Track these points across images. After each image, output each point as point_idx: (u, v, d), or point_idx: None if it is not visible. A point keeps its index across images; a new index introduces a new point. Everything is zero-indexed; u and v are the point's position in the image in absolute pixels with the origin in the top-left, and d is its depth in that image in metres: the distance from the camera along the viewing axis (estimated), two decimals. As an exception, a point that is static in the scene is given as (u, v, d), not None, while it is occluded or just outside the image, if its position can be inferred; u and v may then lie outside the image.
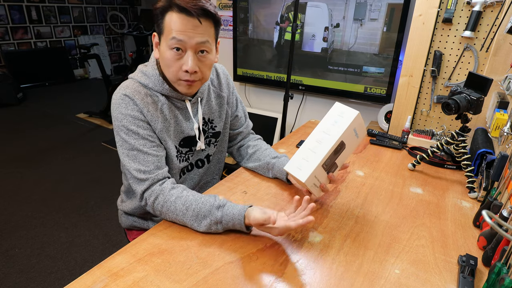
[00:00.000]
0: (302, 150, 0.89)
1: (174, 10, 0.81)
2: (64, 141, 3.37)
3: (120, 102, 0.87)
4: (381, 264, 0.74)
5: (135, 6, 6.53)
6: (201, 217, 0.81)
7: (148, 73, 0.91)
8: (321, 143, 0.86)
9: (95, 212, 2.25)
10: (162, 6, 0.82)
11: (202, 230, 0.81)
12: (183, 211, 0.82)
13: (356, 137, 0.91)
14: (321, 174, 0.88)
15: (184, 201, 0.83)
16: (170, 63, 0.85)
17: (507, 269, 0.59)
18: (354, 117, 0.86)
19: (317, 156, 0.85)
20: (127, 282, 0.66)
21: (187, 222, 0.82)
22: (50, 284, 1.67)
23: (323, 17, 2.14)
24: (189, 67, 0.84)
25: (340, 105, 0.91)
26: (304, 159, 0.86)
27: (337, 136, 0.85)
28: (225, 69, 1.11)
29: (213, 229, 0.81)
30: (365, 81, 2.14)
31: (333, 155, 0.87)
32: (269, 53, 2.48)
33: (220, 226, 0.80)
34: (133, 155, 0.88)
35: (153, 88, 0.91)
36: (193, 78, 0.87)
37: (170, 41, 0.82)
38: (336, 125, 0.87)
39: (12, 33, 5.00)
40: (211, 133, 1.06)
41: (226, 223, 0.80)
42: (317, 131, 0.89)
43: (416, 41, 1.48)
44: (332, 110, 0.91)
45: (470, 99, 1.03)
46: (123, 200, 1.12)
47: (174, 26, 0.81)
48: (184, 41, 0.82)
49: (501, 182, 0.85)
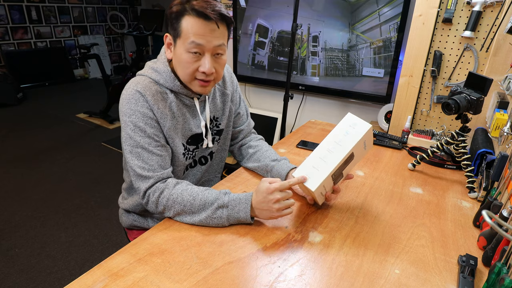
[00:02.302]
0: (313, 159, 0.88)
1: (191, 14, 0.82)
2: (64, 141, 3.37)
3: (130, 97, 0.88)
4: (381, 264, 0.74)
5: (135, 6, 6.53)
6: (208, 204, 0.83)
7: (160, 70, 0.92)
8: (332, 153, 0.86)
9: (95, 212, 2.25)
10: (178, 10, 0.83)
11: (205, 215, 0.82)
12: (190, 201, 0.84)
13: (364, 149, 0.92)
14: (329, 184, 0.88)
15: (190, 192, 0.85)
16: (187, 65, 0.86)
17: (507, 269, 0.59)
18: (367, 130, 0.86)
19: (328, 166, 0.85)
20: (127, 282, 0.66)
21: (195, 211, 0.83)
22: (50, 284, 1.67)
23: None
24: (207, 69, 0.86)
25: (352, 116, 0.91)
26: (315, 168, 0.86)
27: (349, 148, 0.85)
28: (229, 67, 1.12)
29: (218, 214, 0.82)
30: (365, 81, 2.14)
31: (343, 166, 0.88)
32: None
33: (225, 211, 0.82)
34: (137, 153, 0.88)
35: (164, 84, 0.91)
36: (209, 79, 0.89)
37: (189, 45, 0.83)
38: (348, 136, 0.87)
39: (12, 33, 4.99)
40: (215, 131, 1.07)
41: (232, 208, 0.82)
42: (329, 141, 0.89)
43: (416, 41, 1.48)
44: (344, 121, 0.91)
45: (470, 99, 1.03)
46: (124, 197, 1.12)
47: (192, 30, 0.82)
48: (203, 45, 0.84)
49: (501, 182, 0.85)
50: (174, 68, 0.92)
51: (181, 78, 0.91)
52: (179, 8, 0.83)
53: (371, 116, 2.25)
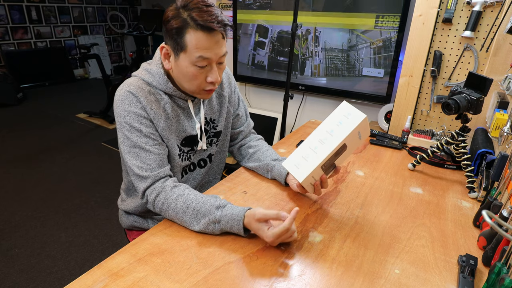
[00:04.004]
0: (303, 148, 0.86)
1: (195, 28, 0.80)
2: (64, 141, 3.37)
3: (123, 98, 0.88)
4: (381, 264, 0.74)
5: (135, 6, 6.53)
6: (200, 216, 0.81)
7: (153, 72, 0.92)
8: (323, 143, 0.84)
9: (95, 212, 2.25)
10: (179, 25, 0.81)
11: (198, 229, 0.81)
12: (183, 209, 0.82)
13: (359, 139, 0.89)
14: (318, 174, 0.87)
15: (185, 199, 0.84)
16: (194, 77, 0.86)
17: (507, 269, 0.59)
18: (361, 121, 0.83)
19: (318, 157, 0.83)
20: (127, 282, 0.66)
21: (186, 220, 0.82)
22: (50, 284, 1.67)
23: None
24: (215, 79, 0.87)
25: (347, 105, 0.87)
26: (304, 158, 0.84)
27: (341, 139, 0.82)
28: (227, 67, 1.12)
29: (210, 229, 0.80)
30: (365, 81, 2.14)
31: (334, 157, 0.86)
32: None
33: (217, 226, 0.80)
34: (135, 153, 0.88)
35: (157, 86, 0.91)
36: (215, 87, 0.91)
37: (196, 59, 0.83)
38: (341, 126, 0.83)
39: (12, 33, 5.00)
40: (212, 133, 1.07)
41: (224, 223, 0.79)
42: (321, 130, 0.86)
43: (416, 41, 1.48)
44: (338, 109, 0.87)
45: (470, 99, 1.03)
46: (123, 199, 1.12)
47: (199, 45, 0.81)
48: (210, 59, 0.84)
49: (501, 182, 0.85)
50: (176, 77, 0.91)
51: (188, 90, 0.91)
52: (179, 23, 0.80)
53: (371, 116, 2.25)
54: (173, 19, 0.81)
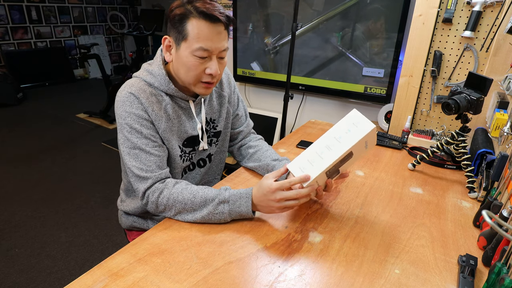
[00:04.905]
0: (309, 152, 0.86)
1: (197, 16, 0.81)
2: (64, 141, 3.37)
3: (125, 100, 0.88)
4: (381, 264, 0.74)
5: (135, 6, 6.53)
6: (209, 200, 0.83)
7: (154, 72, 0.91)
8: (330, 149, 0.84)
9: (95, 212, 2.25)
10: (182, 13, 0.82)
11: (207, 212, 0.82)
12: (191, 199, 0.84)
13: (365, 148, 0.89)
14: (322, 179, 0.87)
15: (190, 190, 0.85)
16: (193, 68, 0.86)
17: (507, 269, 0.59)
18: (369, 131, 0.82)
19: (323, 162, 0.83)
20: (127, 282, 0.66)
21: (195, 208, 0.83)
22: (50, 284, 1.67)
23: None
24: (215, 71, 0.87)
25: (357, 113, 0.86)
26: (309, 162, 0.84)
27: (348, 146, 0.82)
28: (226, 68, 1.12)
29: (219, 210, 0.82)
30: (365, 81, 2.14)
31: (339, 163, 0.85)
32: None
33: (226, 207, 0.82)
34: (135, 154, 0.88)
35: (158, 87, 0.91)
36: (213, 80, 0.90)
37: (196, 50, 0.83)
38: (349, 134, 0.83)
39: (12, 33, 5.00)
40: (212, 133, 1.07)
41: (233, 202, 0.82)
42: (328, 136, 0.86)
43: (416, 41, 1.47)
44: (348, 117, 0.87)
45: (470, 99, 1.03)
46: (122, 199, 1.12)
47: (200, 34, 0.82)
48: (210, 50, 0.84)
49: (501, 182, 0.85)
50: (175, 70, 0.91)
51: (184, 81, 0.90)
52: (182, 10, 0.82)
53: (371, 116, 2.25)
54: (176, 8, 0.83)
